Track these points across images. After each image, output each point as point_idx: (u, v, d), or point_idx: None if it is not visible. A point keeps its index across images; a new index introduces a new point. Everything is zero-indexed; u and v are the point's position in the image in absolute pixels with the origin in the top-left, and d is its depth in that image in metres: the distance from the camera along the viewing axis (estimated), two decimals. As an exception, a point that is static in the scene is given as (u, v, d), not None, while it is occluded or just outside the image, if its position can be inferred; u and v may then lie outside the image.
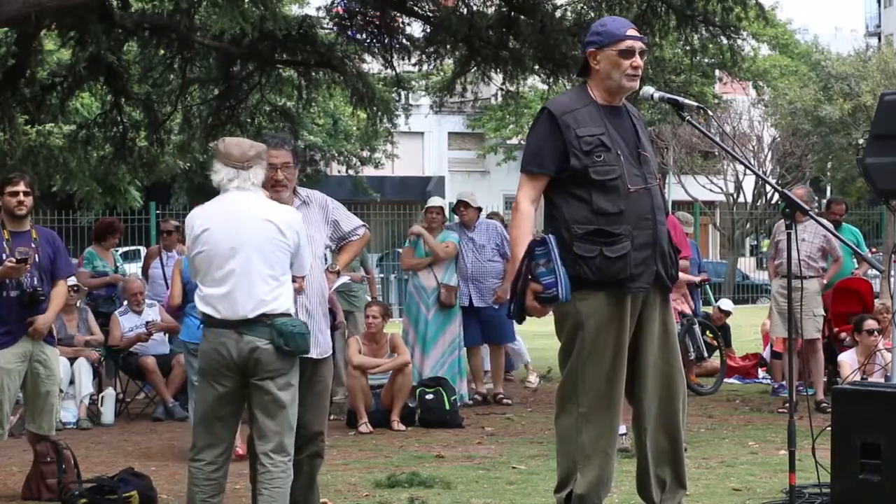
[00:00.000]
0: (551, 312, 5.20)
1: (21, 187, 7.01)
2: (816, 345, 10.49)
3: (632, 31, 5.22)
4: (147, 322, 10.74)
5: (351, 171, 33.68)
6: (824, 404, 9.82)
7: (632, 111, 5.34)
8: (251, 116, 14.74)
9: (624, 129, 5.22)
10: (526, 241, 5.09)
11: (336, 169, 34.32)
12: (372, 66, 15.21)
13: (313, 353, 5.58)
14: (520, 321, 5.33)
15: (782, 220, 10.78)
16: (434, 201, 11.22)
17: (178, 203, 31.29)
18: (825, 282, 10.55)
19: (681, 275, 5.64)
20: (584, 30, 5.44)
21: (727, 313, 13.71)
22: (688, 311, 11.49)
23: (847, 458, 5.47)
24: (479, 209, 11.28)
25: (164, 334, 11.37)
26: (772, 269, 10.77)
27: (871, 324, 10.10)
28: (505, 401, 10.98)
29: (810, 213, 5.44)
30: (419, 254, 10.93)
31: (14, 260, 6.83)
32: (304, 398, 5.51)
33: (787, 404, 10.21)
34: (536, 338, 13.90)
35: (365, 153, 33.65)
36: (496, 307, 10.87)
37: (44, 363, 7.05)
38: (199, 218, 5.39)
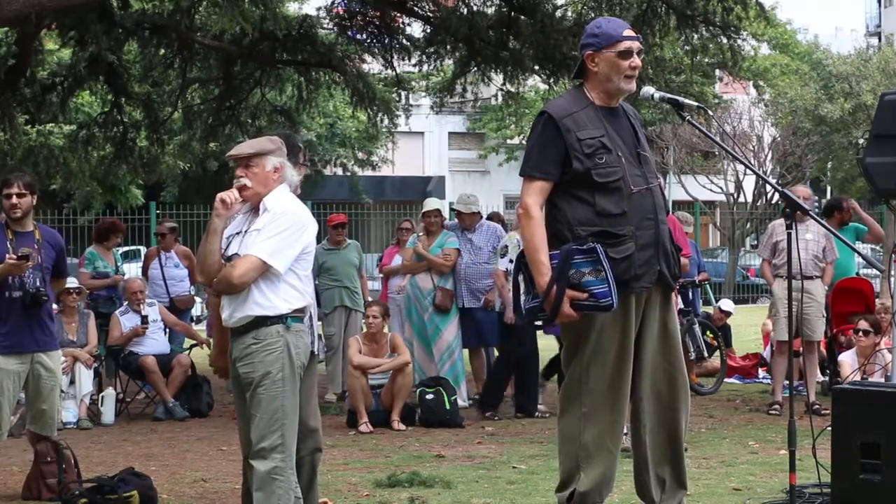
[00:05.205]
0: None
1: (14, 189, 6.96)
2: (815, 346, 10.49)
3: (628, 32, 5.21)
4: (143, 316, 10.73)
5: (349, 171, 33.70)
6: (817, 405, 9.83)
7: (629, 111, 5.34)
8: (251, 116, 14.75)
9: (623, 129, 5.23)
10: (546, 246, 5.05)
11: (334, 170, 34.36)
12: (372, 66, 15.22)
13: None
14: (541, 327, 5.25)
15: (781, 220, 10.70)
16: (429, 204, 11.14)
17: (169, 195, 31.28)
18: (826, 285, 10.51)
19: None
20: (583, 30, 5.40)
21: (728, 313, 13.69)
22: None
23: (847, 458, 5.46)
24: (477, 213, 11.14)
25: (165, 334, 11.39)
26: (768, 270, 10.57)
27: (862, 324, 10.06)
28: None
29: (811, 213, 5.43)
30: (417, 256, 10.92)
31: (15, 257, 6.83)
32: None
33: (775, 405, 10.26)
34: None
35: (361, 155, 33.69)
36: (487, 310, 10.86)
37: (45, 364, 7.04)
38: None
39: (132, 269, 15.77)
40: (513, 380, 10.69)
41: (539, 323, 5.16)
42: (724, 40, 12.80)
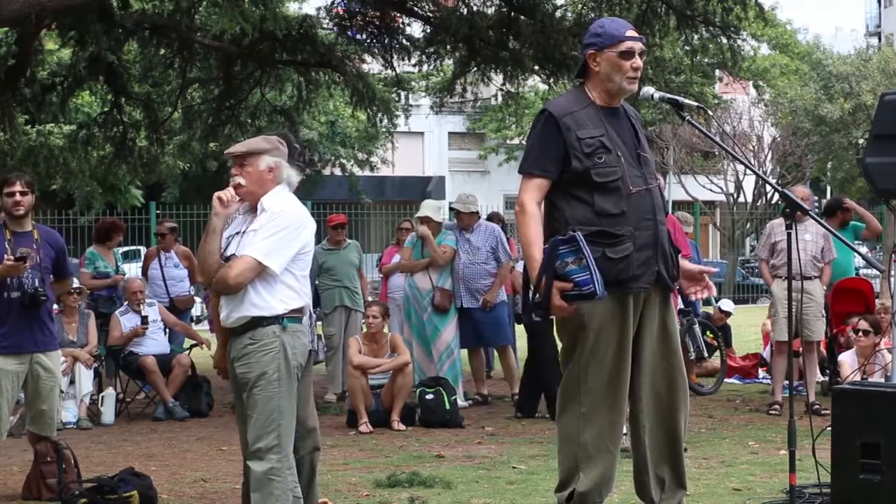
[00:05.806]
0: None
1: (17, 187, 6.98)
2: (814, 346, 10.49)
3: (631, 32, 5.20)
4: (143, 316, 10.74)
5: (347, 172, 33.71)
6: (817, 406, 9.83)
7: (629, 112, 5.34)
8: (251, 116, 14.75)
9: (623, 130, 5.22)
10: (539, 241, 5.05)
11: (333, 170, 34.37)
12: (372, 66, 15.23)
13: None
14: (540, 320, 5.25)
15: (779, 220, 10.70)
16: (422, 209, 11.11)
17: (169, 195, 31.27)
18: (824, 286, 10.51)
19: (690, 265, 5.60)
20: (584, 30, 5.40)
21: (728, 314, 13.70)
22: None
23: (847, 458, 5.46)
24: (475, 213, 11.12)
25: (165, 334, 11.39)
26: (766, 271, 10.50)
27: (861, 324, 10.05)
28: None
29: (810, 213, 5.43)
30: (416, 255, 10.92)
31: (13, 258, 6.83)
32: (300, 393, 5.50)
33: (775, 405, 10.26)
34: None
35: (361, 156, 33.71)
36: (486, 310, 10.83)
37: (44, 364, 7.04)
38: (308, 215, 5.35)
39: (132, 269, 15.77)
40: (518, 380, 10.72)
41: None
42: (724, 40, 12.80)
